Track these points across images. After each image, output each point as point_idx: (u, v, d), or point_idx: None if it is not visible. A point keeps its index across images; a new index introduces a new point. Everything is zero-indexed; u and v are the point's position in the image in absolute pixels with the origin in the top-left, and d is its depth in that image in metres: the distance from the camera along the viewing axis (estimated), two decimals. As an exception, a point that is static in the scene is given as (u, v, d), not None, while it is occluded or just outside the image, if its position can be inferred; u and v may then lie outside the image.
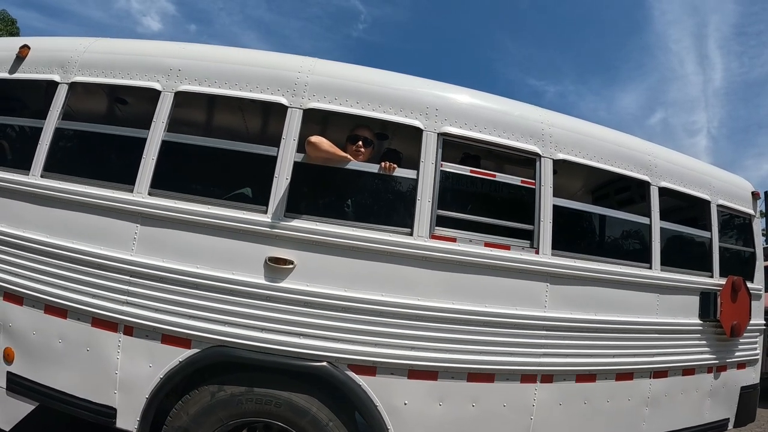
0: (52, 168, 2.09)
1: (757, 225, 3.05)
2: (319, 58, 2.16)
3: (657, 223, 2.42)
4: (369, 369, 1.85)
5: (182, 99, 2.08)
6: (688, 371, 2.52)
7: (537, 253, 2.07)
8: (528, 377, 2.03)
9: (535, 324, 2.03)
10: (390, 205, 2.10)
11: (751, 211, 2.98)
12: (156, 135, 2.00)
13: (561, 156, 2.20)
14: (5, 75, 2.29)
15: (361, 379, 1.85)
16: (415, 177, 1.98)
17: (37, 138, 2.13)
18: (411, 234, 1.93)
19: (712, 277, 2.63)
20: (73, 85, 2.18)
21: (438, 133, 2.03)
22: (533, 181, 2.14)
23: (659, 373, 2.40)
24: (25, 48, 2.28)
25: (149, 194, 1.94)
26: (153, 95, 2.09)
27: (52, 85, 2.19)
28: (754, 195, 3.03)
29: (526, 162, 2.25)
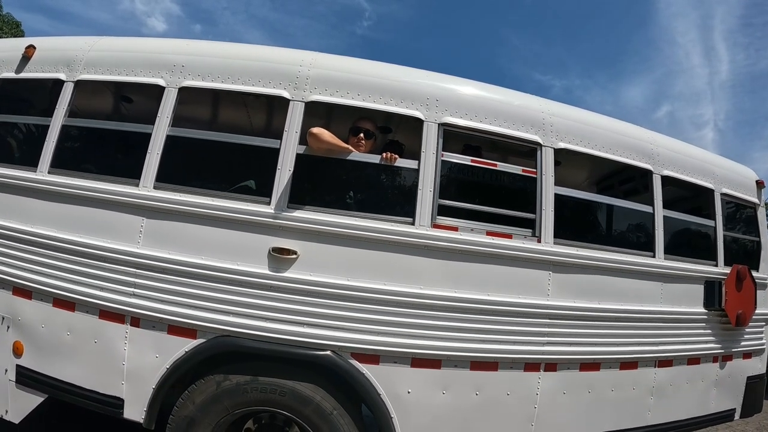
0: (59, 164, 2.13)
1: (762, 214, 3.04)
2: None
3: (660, 212, 2.41)
4: (372, 357, 1.87)
5: (186, 94, 2.12)
6: (693, 360, 2.52)
7: (539, 241, 2.08)
8: (532, 366, 2.04)
9: (538, 312, 2.04)
10: (392, 195, 2.11)
11: (756, 200, 2.97)
12: (161, 130, 2.03)
13: (562, 145, 2.21)
14: (12, 75, 2.33)
15: (364, 368, 1.87)
16: (416, 167, 2.00)
17: (43, 136, 2.17)
18: (413, 223, 1.95)
19: (716, 266, 2.63)
20: (78, 83, 2.21)
21: (438, 124, 2.04)
22: (534, 170, 2.15)
23: (664, 362, 2.39)
24: (30, 48, 2.33)
25: (155, 188, 1.98)
26: (157, 91, 2.12)
27: (58, 84, 2.23)
28: (759, 184, 3.01)
29: (528, 153, 2.26)
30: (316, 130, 1.89)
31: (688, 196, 2.81)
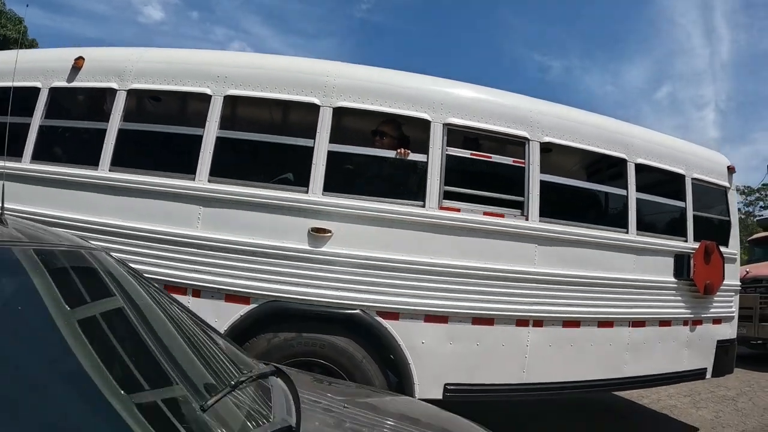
0: (117, 163, 2.76)
1: (733, 196, 3.75)
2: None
3: (633, 195, 3.11)
4: (393, 315, 2.55)
5: (228, 100, 2.76)
6: (664, 323, 3.23)
7: (527, 219, 2.77)
8: (522, 321, 2.73)
9: (527, 278, 2.72)
10: (406, 184, 2.79)
11: (727, 184, 3.68)
12: (210, 132, 2.68)
13: (547, 139, 2.89)
14: (64, 83, 2.95)
15: (387, 323, 2.54)
16: (425, 160, 2.67)
17: (99, 138, 2.80)
18: (423, 206, 2.62)
19: (686, 241, 3.34)
20: (130, 92, 2.85)
21: (443, 124, 2.72)
22: (523, 160, 2.84)
23: (637, 323, 3.10)
24: (80, 59, 2.92)
25: (209, 181, 2.63)
26: (203, 97, 2.76)
27: (110, 92, 2.86)
28: (730, 169, 3.72)
29: (518, 144, 2.95)
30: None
31: (663, 180, 3.51)
